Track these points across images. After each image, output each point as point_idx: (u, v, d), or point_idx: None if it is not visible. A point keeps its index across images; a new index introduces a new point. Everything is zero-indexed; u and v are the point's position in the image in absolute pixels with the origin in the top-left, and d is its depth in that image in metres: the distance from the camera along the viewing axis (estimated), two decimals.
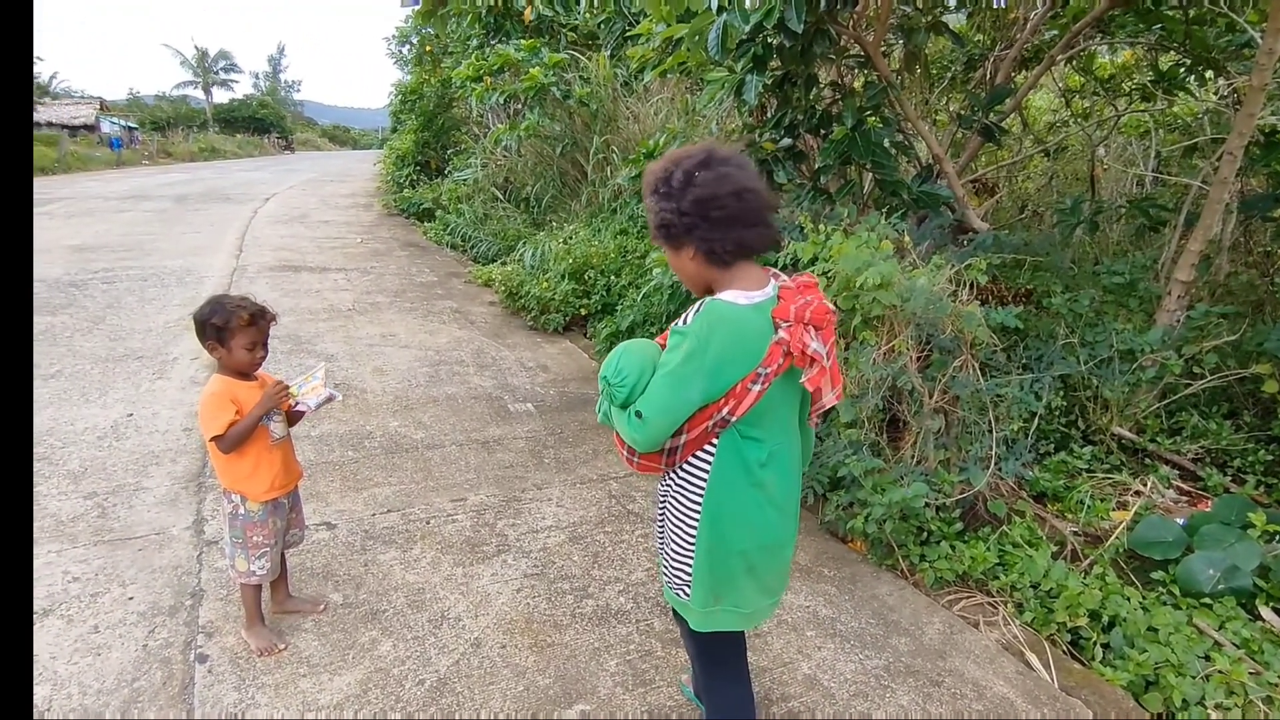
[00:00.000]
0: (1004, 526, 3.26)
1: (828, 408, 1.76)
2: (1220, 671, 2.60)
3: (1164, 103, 5.65)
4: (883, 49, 4.08)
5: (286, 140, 41.91)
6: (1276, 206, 4.08)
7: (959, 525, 3.28)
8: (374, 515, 3.48)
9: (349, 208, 14.31)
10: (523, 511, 3.59)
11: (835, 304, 3.32)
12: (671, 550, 1.82)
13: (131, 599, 2.79)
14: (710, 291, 1.67)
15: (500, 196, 10.42)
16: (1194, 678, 2.62)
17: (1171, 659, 2.68)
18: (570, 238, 7.55)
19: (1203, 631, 2.80)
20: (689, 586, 1.79)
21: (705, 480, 1.70)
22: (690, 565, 1.77)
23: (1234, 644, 2.72)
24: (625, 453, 1.76)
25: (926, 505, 3.08)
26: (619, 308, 6.03)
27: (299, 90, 67.76)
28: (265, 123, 41.48)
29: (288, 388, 2.47)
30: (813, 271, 3.41)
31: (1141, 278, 3.83)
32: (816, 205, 4.12)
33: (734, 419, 1.63)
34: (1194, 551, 2.98)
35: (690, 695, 2.41)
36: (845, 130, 3.89)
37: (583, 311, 6.64)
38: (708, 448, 1.69)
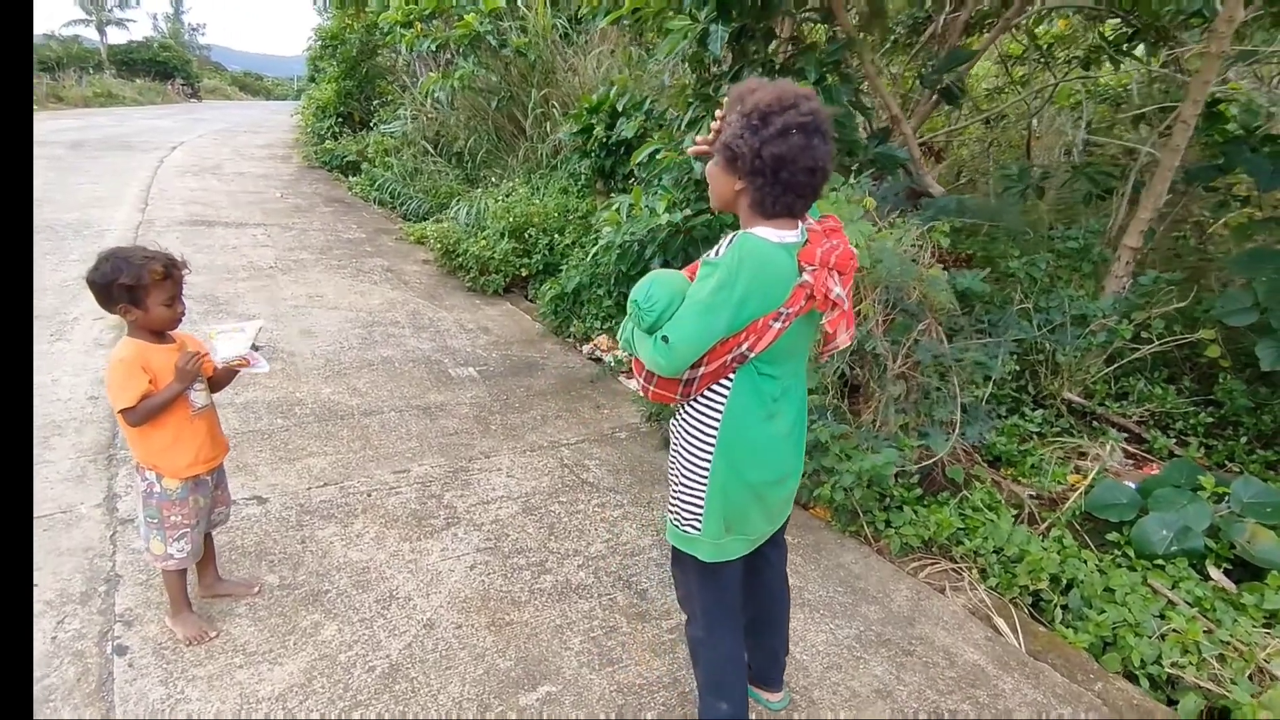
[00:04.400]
0: (964, 492, 3.24)
1: (840, 349, 1.79)
2: (1175, 630, 2.65)
3: (1105, 71, 5.70)
4: (846, 4, 3.94)
5: (192, 87, 39.23)
6: (1219, 175, 4.16)
7: (918, 490, 3.26)
8: (309, 489, 3.23)
9: (266, 159, 13.45)
10: (471, 482, 3.39)
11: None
12: (683, 484, 1.82)
13: (36, 585, 2.49)
14: (732, 213, 1.72)
15: (431, 151, 9.93)
16: (1150, 637, 2.66)
17: (1129, 619, 2.72)
18: (509, 195, 7.23)
19: (1157, 591, 2.84)
20: (700, 520, 1.81)
21: (721, 412, 1.73)
22: (703, 496, 1.79)
23: (1187, 603, 2.77)
24: (642, 379, 1.77)
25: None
26: (563, 268, 5.81)
27: (204, 34, 63.45)
28: (168, 67, 38.63)
29: (204, 356, 2.20)
30: None
31: (1094, 243, 3.86)
32: None
33: (752, 354, 1.65)
34: (1148, 514, 3.02)
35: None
36: (807, 85, 3.74)
37: (524, 272, 6.39)
38: (724, 381, 1.71)
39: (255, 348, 2.23)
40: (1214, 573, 2.90)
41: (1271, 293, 3.35)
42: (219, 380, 2.37)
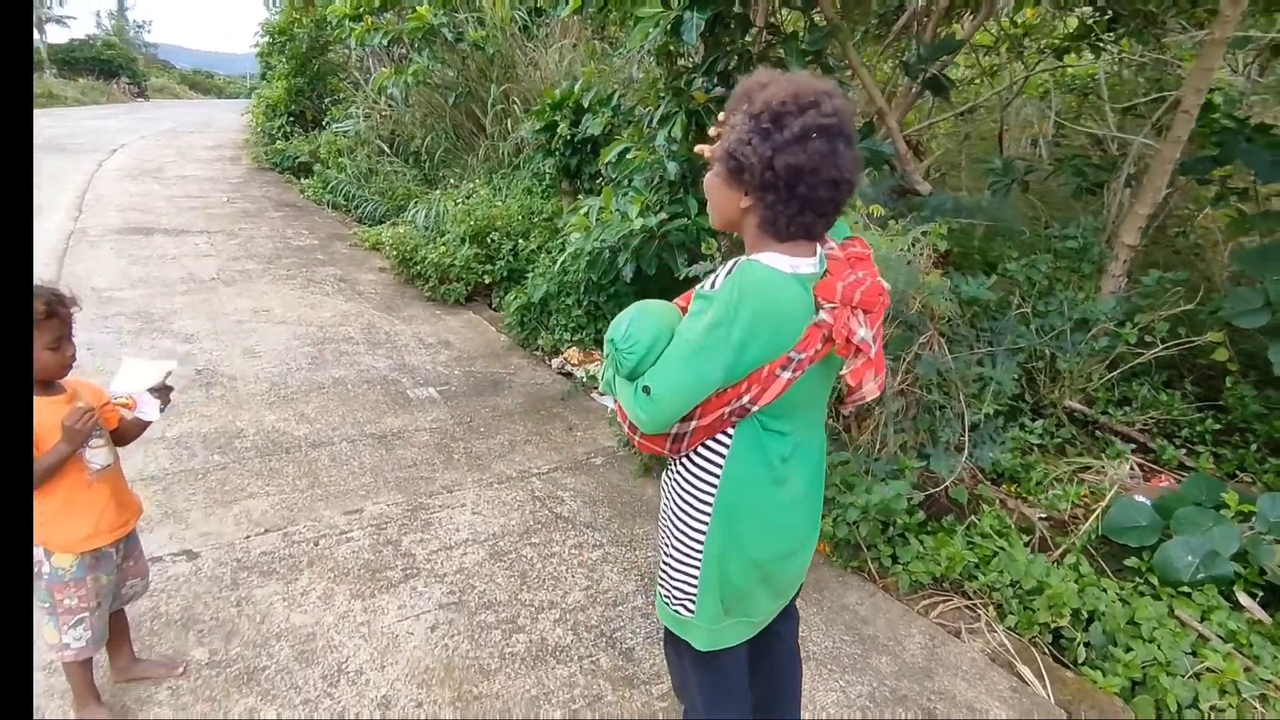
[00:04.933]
0: (971, 517, 2.99)
1: (866, 400, 1.47)
2: (1211, 669, 2.43)
3: (1073, 61, 5.51)
4: None
5: (139, 86, 37.84)
6: (1214, 167, 3.96)
7: (920, 515, 3.00)
8: (248, 538, 2.87)
9: (212, 161, 12.84)
10: (432, 522, 3.05)
11: None
12: (674, 557, 1.54)
13: None
14: (735, 232, 1.45)
15: (387, 150, 9.49)
16: (1183, 676, 2.43)
17: (1159, 657, 2.49)
18: (469, 196, 6.86)
19: (1185, 624, 2.62)
20: (693, 601, 1.53)
21: (718, 475, 1.45)
22: (695, 577, 1.51)
23: (1220, 637, 2.55)
24: (627, 425, 1.48)
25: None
26: (529, 275, 5.47)
27: (150, 31, 61.44)
28: (112, 66, 37.13)
29: (103, 408, 1.85)
30: None
31: (1094, 242, 3.63)
32: None
33: (755, 408, 1.38)
34: (1171, 537, 2.79)
35: None
36: None
37: (486, 280, 6.03)
38: (722, 437, 1.44)
39: (163, 389, 1.87)
40: (1244, 600, 2.68)
41: None
42: (125, 433, 2.01)
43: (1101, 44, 4.93)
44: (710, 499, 1.46)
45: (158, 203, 8.83)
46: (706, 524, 1.47)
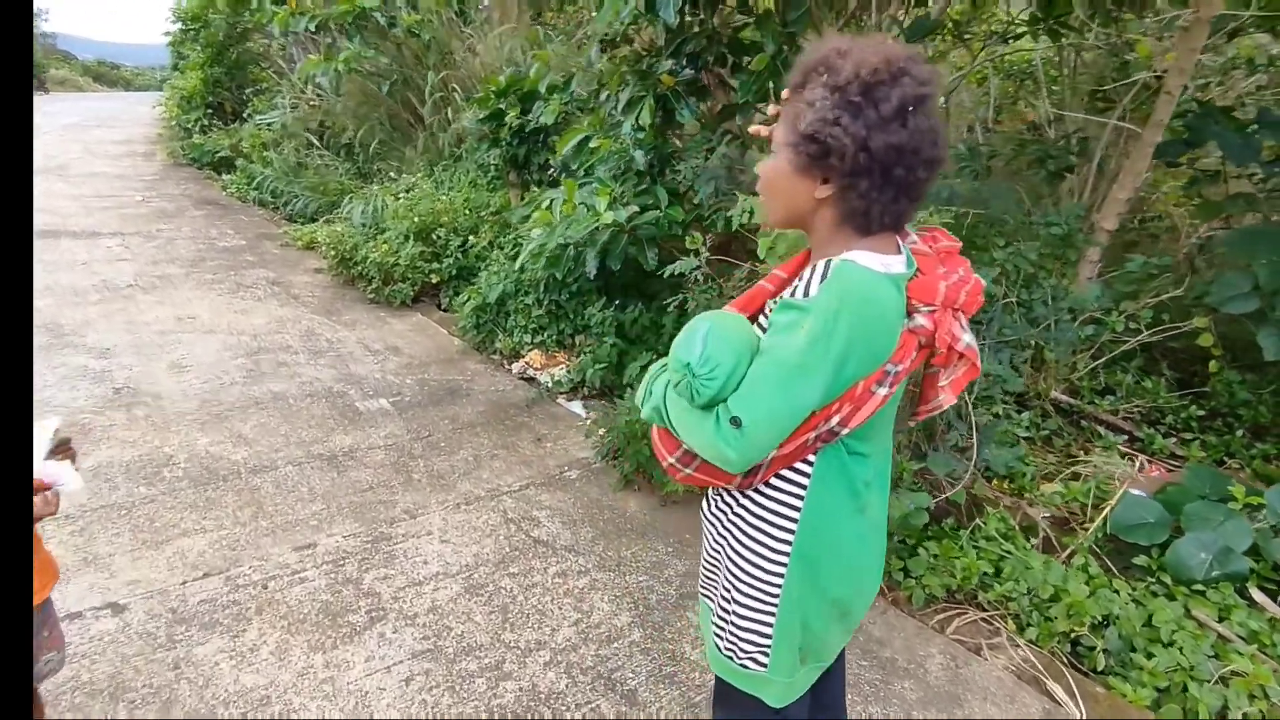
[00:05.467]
0: (977, 520, 2.84)
1: (941, 410, 1.32)
2: (1237, 674, 2.32)
3: (1024, 46, 5.45)
4: None
5: (38, 79, 35.58)
6: (1186, 150, 3.91)
7: (924, 517, 2.83)
8: (184, 584, 2.52)
9: (123, 157, 11.98)
10: (396, 555, 2.75)
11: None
12: (740, 604, 1.32)
13: None
14: (797, 229, 1.25)
15: (316, 143, 8.95)
16: (1209, 683, 2.32)
17: (1182, 662, 2.37)
18: (409, 190, 6.47)
19: (1204, 625, 2.51)
20: (766, 654, 1.32)
21: (798, 509, 1.25)
22: (770, 625, 1.30)
23: (1241, 638, 2.45)
24: (674, 459, 1.27)
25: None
26: (481, 273, 5.14)
27: (48, 20, 57.81)
28: None
29: None
30: (765, 240, 2.77)
31: (1078, 228, 3.53)
32: (729, 150, 3.48)
33: (845, 431, 1.19)
34: (1180, 533, 2.69)
35: None
36: (767, 59, 3.24)
37: (434, 279, 5.67)
38: (801, 465, 1.24)
39: (62, 448, 1.51)
40: (1258, 596, 2.59)
41: (1274, 276, 3.08)
42: (45, 510, 1.65)
43: (1061, 28, 4.87)
44: (788, 536, 1.26)
45: (63, 203, 8.14)
46: (784, 565, 1.27)
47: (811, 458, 1.23)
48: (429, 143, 7.68)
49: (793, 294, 1.17)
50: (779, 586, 1.28)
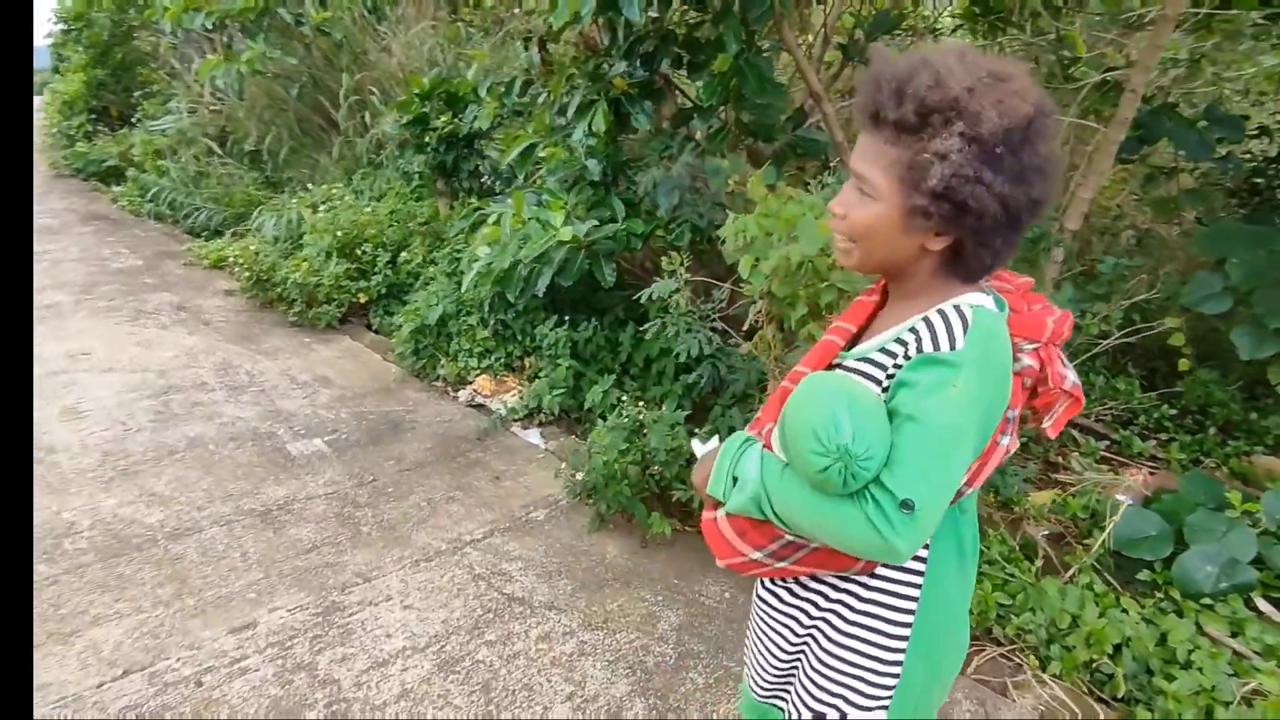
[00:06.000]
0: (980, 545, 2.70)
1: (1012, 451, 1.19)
2: (1259, 693, 2.25)
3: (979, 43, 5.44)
4: None
5: None
6: (1140, 148, 3.91)
7: None
8: (101, 687, 2.12)
9: None
10: (353, 629, 2.41)
11: (770, 292, 2.50)
12: (842, 699, 1.15)
13: None
14: (883, 272, 1.13)
15: (218, 150, 8.28)
16: (1232, 704, 2.24)
17: (1203, 683, 2.29)
18: (328, 201, 5.99)
19: (1217, 641, 2.44)
20: None
21: (918, 586, 1.11)
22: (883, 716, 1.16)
23: (1257, 653, 2.38)
24: (762, 552, 1.12)
25: None
26: (415, 291, 4.77)
27: None
28: None
29: None
30: (742, 249, 2.55)
31: (1048, 229, 3.47)
32: (690, 158, 3.25)
33: (969, 490, 1.09)
34: (1185, 546, 2.62)
35: None
36: (729, 60, 3.02)
37: (362, 298, 5.24)
38: None
39: None
40: (1263, 605, 2.54)
41: (1249, 275, 3.07)
42: None
43: (1002, 23, 4.84)
44: (908, 620, 1.12)
45: None
46: (903, 651, 1.12)
47: None
48: (345, 149, 7.19)
49: (933, 346, 1.00)
50: (895, 675, 1.13)
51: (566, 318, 3.92)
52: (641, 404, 3.10)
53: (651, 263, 4.32)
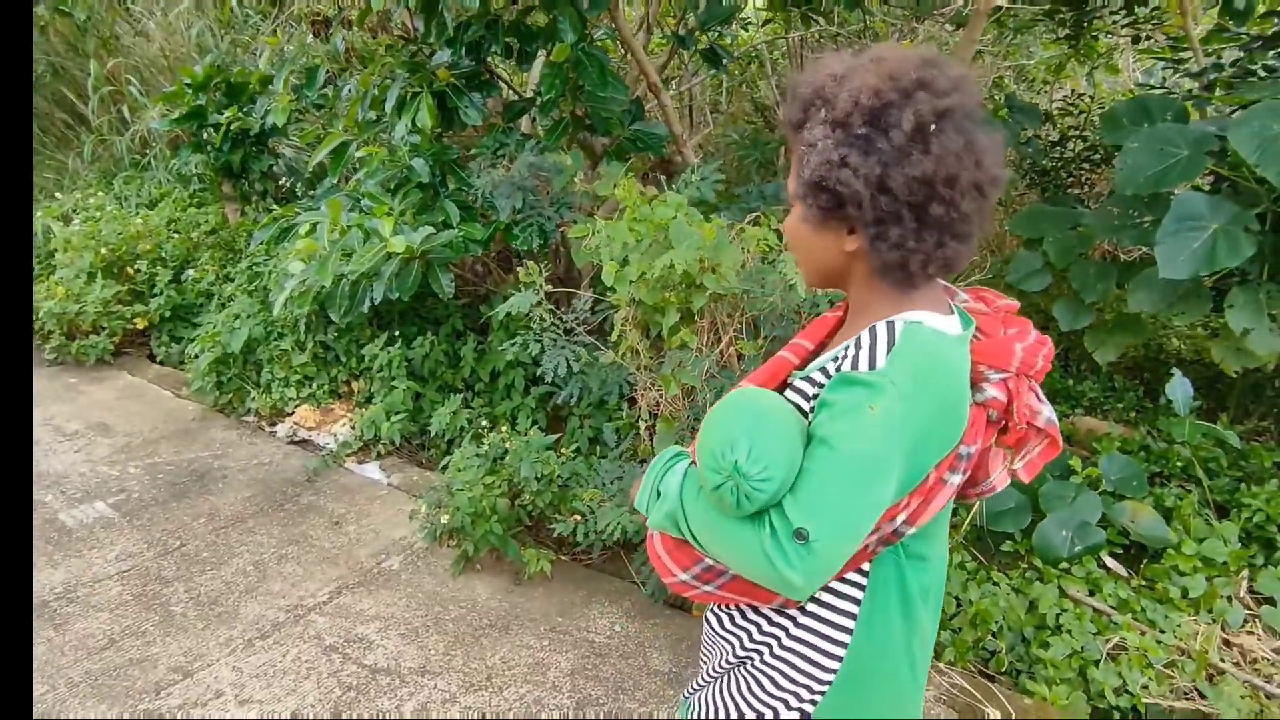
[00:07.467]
0: None
1: (996, 491, 1.12)
2: (1121, 647, 2.42)
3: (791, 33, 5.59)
4: None
5: None
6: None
7: None
8: None
9: None
10: None
11: (638, 299, 2.33)
12: None
13: None
14: (837, 288, 1.09)
15: None
16: (1099, 661, 2.40)
17: (1073, 645, 2.43)
18: (86, 210, 5.08)
19: (1079, 601, 2.60)
20: None
21: (849, 629, 1.04)
22: None
23: (1113, 608, 2.56)
24: (686, 574, 1.06)
25: None
26: (210, 314, 4.13)
27: None
28: None
29: None
30: (595, 252, 2.35)
31: None
32: (531, 156, 2.99)
33: (910, 530, 0.99)
34: (1045, 516, 2.78)
35: None
36: (568, 49, 2.80)
37: (139, 324, 4.47)
38: (854, 575, 1.04)
39: None
40: (1109, 561, 2.75)
41: (1063, 253, 3.31)
42: None
43: (812, 13, 4.98)
44: (834, 663, 1.04)
45: None
46: (822, 694, 1.05)
47: (866, 565, 1.02)
48: (99, 149, 6.17)
49: (853, 365, 0.94)
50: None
51: (398, 333, 3.53)
52: (500, 427, 2.82)
53: (483, 265, 4.02)
